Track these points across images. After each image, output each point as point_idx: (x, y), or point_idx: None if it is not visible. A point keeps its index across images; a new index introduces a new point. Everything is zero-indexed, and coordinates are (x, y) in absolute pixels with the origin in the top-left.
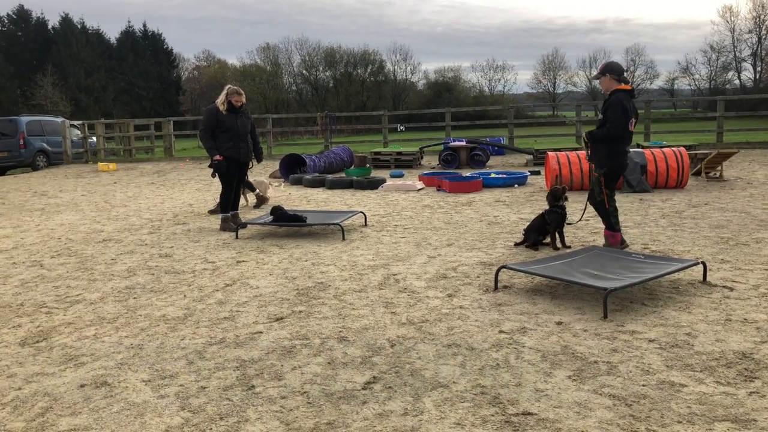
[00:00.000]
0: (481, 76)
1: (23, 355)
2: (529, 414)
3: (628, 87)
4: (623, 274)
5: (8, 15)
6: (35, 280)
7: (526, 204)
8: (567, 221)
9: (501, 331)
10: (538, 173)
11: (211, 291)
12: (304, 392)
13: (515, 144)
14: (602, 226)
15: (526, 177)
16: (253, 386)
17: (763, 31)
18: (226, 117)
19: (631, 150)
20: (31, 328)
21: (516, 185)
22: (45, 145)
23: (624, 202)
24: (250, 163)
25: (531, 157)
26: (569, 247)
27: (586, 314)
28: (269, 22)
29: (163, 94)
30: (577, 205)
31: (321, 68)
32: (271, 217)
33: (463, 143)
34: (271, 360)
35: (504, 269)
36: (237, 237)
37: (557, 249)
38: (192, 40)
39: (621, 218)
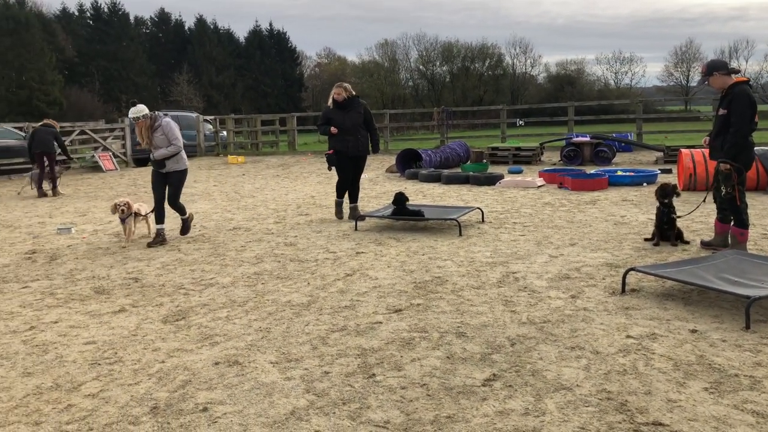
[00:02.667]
0: (607, 69)
1: (165, 331)
2: (661, 425)
3: (745, 78)
4: (767, 281)
5: (151, 18)
6: (174, 264)
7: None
8: (676, 216)
9: (628, 336)
10: (669, 171)
11: (332, 280)
12: (424, 384)
13: (644, 140)
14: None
15: (656, 175)
16: (373, 374)
17: None
18: (333, 113)
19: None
20: (171, 308)
21: (645, 184)
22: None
23: None
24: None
25: (661, 154)
26: (676, 244)
27: (725, 323)
28: (388, 19)
29: (287, 90)
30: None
31: (438, 63)
32: (389, 210)
33: (587, 139)
34: (390, 350)
35: (632, 272)
36: (356, 228)
37: (674, 244)
38: (314, 38)
39: (765, 222)
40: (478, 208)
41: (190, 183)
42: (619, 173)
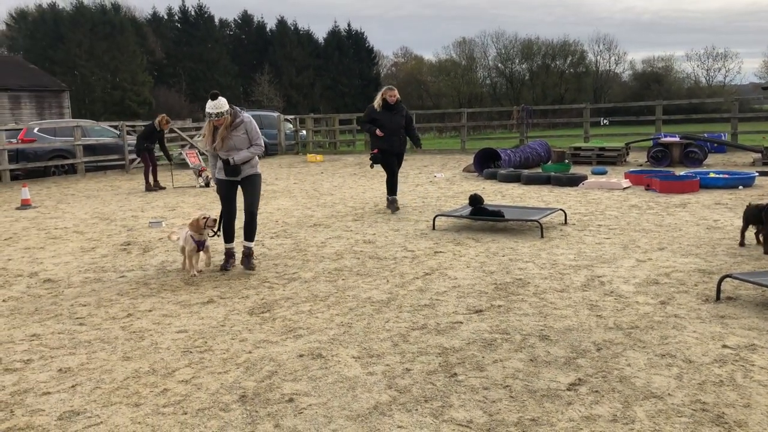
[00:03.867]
0: (698, 66)
1: (251, 323)
2: None
3: None
4: None
5: (234, 20)
6: (258, 258)
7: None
8: None
9: (725, 346)
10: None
11: (411, 278)
12: (507, 386)
13: (739, 141)
14: None
15: (753, 178)
16: (455, 374)
17: None
18: (380, 114)
19: None
20: (256, 300)
21: (740, 186)
22: (264, 137)
23: None
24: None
25: (759, 156)
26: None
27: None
28: (464, 17)
29: (363, 90)
30: None
31: (517, 61)
32: (467, 210)
33: (676, 139)
34: (472, 350)
35: (728, 278)
36: (434, 228)
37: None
38: (391, 38)
39: None
40: (561, 209)
41: (272, 180)
42: (712, 175)
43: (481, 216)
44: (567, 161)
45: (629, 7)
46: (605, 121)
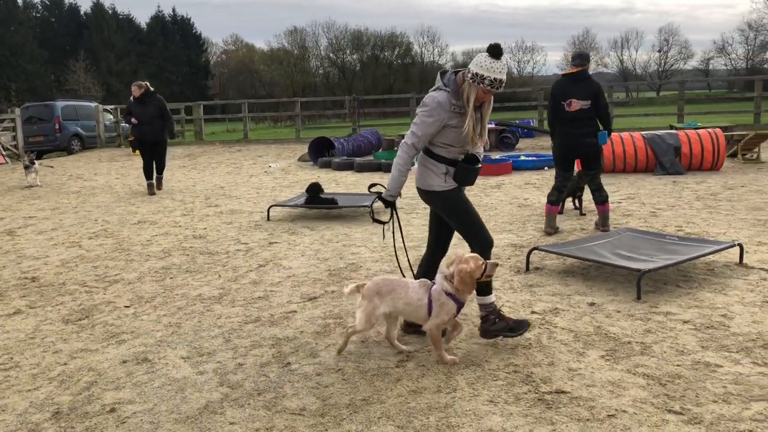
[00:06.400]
0: (510, 58)
1: (67, 332)
2: (563, 392)
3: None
4: (657, 255)
5: (41, 1)
6: (75, 260)
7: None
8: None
9: (533, 312)
10: None
11: (244, 271)
12: (339, 369)
13: (545, 126)
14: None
15: None
16: (288, 363)
17: None
18: (134, 106)
19: (664, 131)
20: (73, 307)
21: (546, 168)
22: (79, 129)
23: (657, 185)
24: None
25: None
26: (584, 214)
27: (619, 296)
28: (296, 6)
29: (192, 78)
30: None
31: (348, 51)
32: (302, 200)
33: (492, 126)
34: (305, 338)
35: (536, 251)
36: (269, 219)
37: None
38: (220, 25)
39: (653, 200)
40: None
41: (90, 176)
42: (522, 158)
43: (316, 204)
44: (396, 148)
45: (450, 2)
46: None
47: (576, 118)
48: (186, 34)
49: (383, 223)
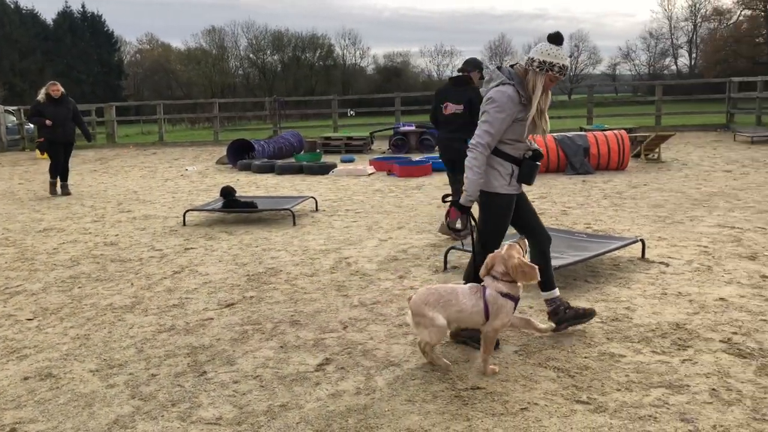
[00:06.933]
0: (430, 61)
1: None
2: (478, 388)
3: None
4: (567, 252)
5: None
6: None
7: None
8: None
9: None
10: None
11: (159, 279)
12: (257, 376)
13: None
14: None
15: None
16: (204, 372)
17: (698, 19)
18: (45, 107)
19: (574, 133)
20: None
21: None
22: None
23: (567, 184)
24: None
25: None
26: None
27: (532, 292)
28: (214, 5)
29: (104, 78)
30: None
31: (269, 52)
32: (219, 203)
33: (413, 128)
34: (222, 346)
35: (453, 250)
36: (185, 224)
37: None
38: (134, 23)
39: (564, 199)
40: (312, 197)
41: None
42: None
43: (234, 208)
44: (318, 151)
45: (371, 4)
46: (351, 112)
47: (449, 122)
48: (97, 32)
49: (460, 231)
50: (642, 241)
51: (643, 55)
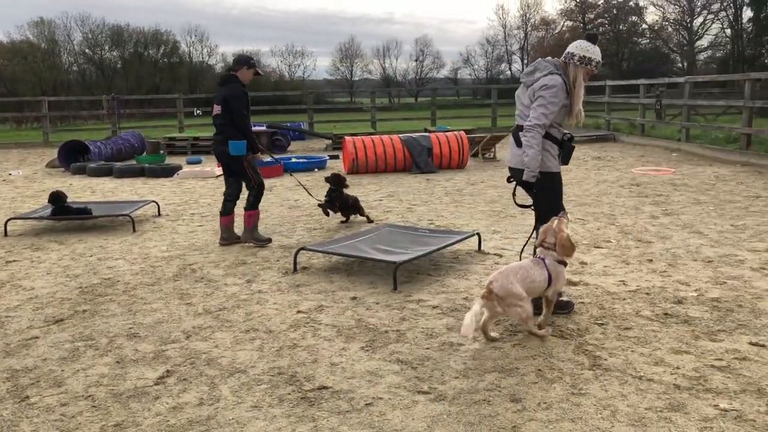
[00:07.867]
0: (281, 62)
1: None
2: (325, 388)
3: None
4: (411, 247)
5: None
6: None
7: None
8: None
9: (299, 311)
10: (336, 157)
11: None
12: (89, 396)
13: (315, 129)
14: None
15: (325, 161)
16: (27, 397)
17: (529, 28)
18: None
19: (419, 134)
20: None
21: (316, 169)
22: None
23: (413, 183)
24: None
25: (330, 141)
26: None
27: (379, 288)
28: None
29: None
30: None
31: (107, 48)
32: (48, 211)
33: (264, 128)
34: (49, 366)
35: (303, 251)
36: (6, 234)
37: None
38: None
39: (410, 197)
40: (154, 201)
41: None
42: (293, 160)
43: (65, 215)
44: (162, 152)
45: (219, 1)
46: (198, 112)
47: (214, 123)
48: None
49: (528, 206)
50: (479, 234)
51: (481, 60)
